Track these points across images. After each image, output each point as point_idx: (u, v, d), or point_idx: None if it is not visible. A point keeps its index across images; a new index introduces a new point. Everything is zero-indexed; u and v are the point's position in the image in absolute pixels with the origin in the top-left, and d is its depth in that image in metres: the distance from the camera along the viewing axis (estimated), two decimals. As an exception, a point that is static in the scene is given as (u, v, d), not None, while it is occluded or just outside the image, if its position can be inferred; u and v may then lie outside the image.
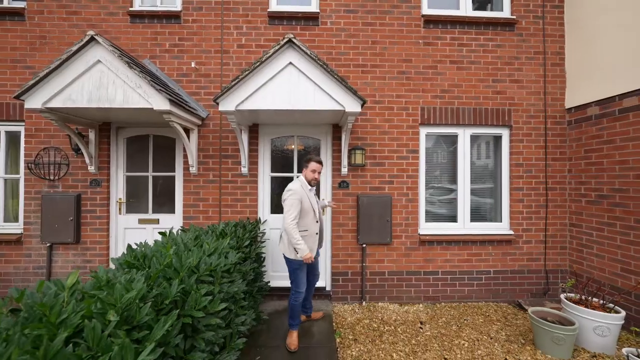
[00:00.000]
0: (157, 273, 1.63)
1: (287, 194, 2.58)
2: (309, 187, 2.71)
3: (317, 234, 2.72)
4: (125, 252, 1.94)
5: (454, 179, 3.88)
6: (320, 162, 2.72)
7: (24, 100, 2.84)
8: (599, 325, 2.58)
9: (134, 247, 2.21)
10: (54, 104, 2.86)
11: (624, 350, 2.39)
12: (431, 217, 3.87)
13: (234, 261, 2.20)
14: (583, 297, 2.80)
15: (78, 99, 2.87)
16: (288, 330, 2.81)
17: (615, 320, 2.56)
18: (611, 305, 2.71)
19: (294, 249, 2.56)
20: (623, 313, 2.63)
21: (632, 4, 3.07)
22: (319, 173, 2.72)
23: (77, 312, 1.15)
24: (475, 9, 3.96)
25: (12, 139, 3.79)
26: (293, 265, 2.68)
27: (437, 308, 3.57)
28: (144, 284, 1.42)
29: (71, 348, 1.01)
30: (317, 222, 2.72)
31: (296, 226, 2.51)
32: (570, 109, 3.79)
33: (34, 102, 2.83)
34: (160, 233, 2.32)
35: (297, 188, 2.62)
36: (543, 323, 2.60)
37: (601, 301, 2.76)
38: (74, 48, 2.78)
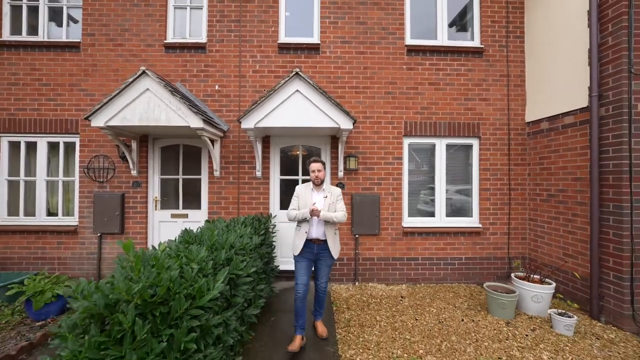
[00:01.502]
0: (210, 246, 2.42)
1: None
2: (313, 187, 2.98)
3: (306, 232, 2.87)
4: (182, 234, 2.73)
5: (432, 181, 4.65)
6: (315, 161, 2.92)
7: (90, 120, 3.65)
8: (535, 294, 3.34)
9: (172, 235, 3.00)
10: (113, 122, 3.66)
11: (549, 311, 3.16)
12: (413, 212, 4.64)
13: (256, 243, 3.00)
14: (527, 274, 3.57)
15: (131, 119, 3.68)
16: (294, 303, 2.92)
17: (546, 290, 3.33)
18: (546, 279, 3.47)
19: (294, 242, 2.97)
20: (553, 284, 3.39)
21: (567, 42, 3.82)
22: (319, 170, 2.90)
23: (174, 263, 1.93)
24: (451, 36, 4.73)
25: (67, 148, 4.60)
26: (294, 258, 3.00)
27: (417, 287, 4.34)
28: (205, 250, 2.22)
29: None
30: (307, 221, 2.87)
31: (291, 210, 2.94)
32: (528, 122, 4.54)
33: (98, 121, 3.64)
34: (206, 221, 3.13)
35: (298, 187, 3.04)
36: (492, 292, 3.37)
37: (540, 277, 3.52)
38: (130, 80, 3.59)
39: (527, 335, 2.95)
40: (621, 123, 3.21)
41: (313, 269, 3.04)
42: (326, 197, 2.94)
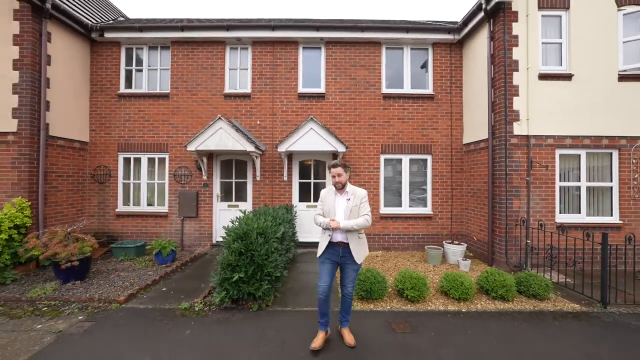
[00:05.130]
0: (271, 216, 4.77)
1: None
2: (336, 190, 2.96)
3: (330, 235, 2.84)
4: (252, 212, 5.08)
5: (400, 183, 6.94)
6: (335, 166, 2.90)
7: (186, 147, 6.03)
8: (453, 250, 5.64)
9: (236, 215, 5.35)
10: (199, 148, 6.04)
11: (457, 259, 5.45)
12: (387, 203, 6.94)
13: (290, 218, 5.35)
14: (451, 240, 5.85)
15: (210, 146, 6.05)
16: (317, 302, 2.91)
17: (459, 248, 5.62)
18: (462, 243, 5.76)
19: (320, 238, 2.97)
20: (465, 245, 5.69)
21: (482, 96, 6.08)
22: (339, 175, 2.87)
23: (260, 221, 4.27)
24: (413, 86, 7.02)
25: (160, 161, 7.00)
26: (318, 260, 2.98)
27: (388, 252, 6.64)
28: (270, 217, 4.56)
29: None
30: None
31: (317, 216, 3.00)
32: (464, 144, 6.82)
33: (191, 147, 6.03)
34: (264, 206, 5.49)
35: (322, 192, 3.08)
36: (428, 249, 5.66)
37: (458, 242, 5.80)
38: (211, 123, 5.97)
39: (441, 271, 5.25)
40: (502, 149, 5.49)
41: (341, 273, 3.00)
42: (349, 199, 2.88)
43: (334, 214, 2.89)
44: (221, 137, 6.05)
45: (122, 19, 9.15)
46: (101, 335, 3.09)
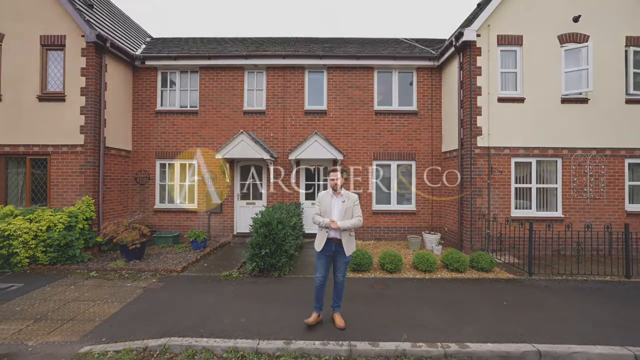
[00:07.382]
0: (284, 210, 6.19)
1: None
2: (333, 192, 3.38)
3: (327, 232, 3.22)
4: (271, 207, 6.50)
5: (389, 184, 8.33)
6: (334, 170, 3.38)
7: (215, 155, 7.46)
8: (429, 239, 7.02)
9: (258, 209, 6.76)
10: (226, 156, 7.47)
11: (432, 245, 6.83)
12: (378, 201, 8.33)
13: (299, 212, 6.76)
14: (429, 231, 7.23)
15: (234, 154, 7.48)
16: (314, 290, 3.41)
17: (434, 237, 7.00)
18: (437, 233, 7.15)
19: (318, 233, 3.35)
20: (439, 234, 7.07)
21: (455, 113, 7.46)
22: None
23: (278, 214, 5.67)
24: (400, 104, 8.40)
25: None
26: (315, 254, 3.41)
27: (379, 242, 8.02)
28: (285, 211, 5.97)
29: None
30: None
31: (315, 215, 3.36)
32: (442, 152, 8.20)
33: (219, 155, 7.46)
34: (280, 203, 6.91)
35: (320, 194, 3.49)
36: (409, 238, 7.05)
37: (434, 232, 7.18)
38: (235, 136, 7.40)
39: (418, 254, 6.62)
40: (468, 158, 6.86)
41: (332, 265, 3.38)
42: (344, 201, 3.27)
43: (330, 213, 3.30)
44: (243, 148, 7.48)
45: (149, 39, 10.57)
46: (173, 289, 4.51)
